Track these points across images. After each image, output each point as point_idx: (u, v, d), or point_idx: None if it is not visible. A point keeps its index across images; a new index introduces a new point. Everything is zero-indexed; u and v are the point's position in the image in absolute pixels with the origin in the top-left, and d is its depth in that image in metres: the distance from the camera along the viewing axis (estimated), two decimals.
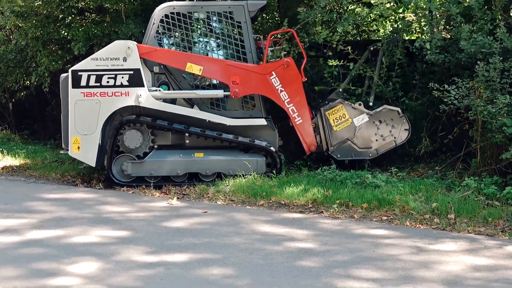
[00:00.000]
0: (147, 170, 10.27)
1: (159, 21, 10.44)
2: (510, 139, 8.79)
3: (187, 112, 10.32)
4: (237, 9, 10.41)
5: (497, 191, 8.48)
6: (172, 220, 7.97)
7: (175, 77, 10.48)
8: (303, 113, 10.35)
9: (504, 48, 9.27)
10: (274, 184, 9.53)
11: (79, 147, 10.12)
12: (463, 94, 9.21)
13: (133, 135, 10.37)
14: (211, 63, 10.33)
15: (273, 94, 10.27)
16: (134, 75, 10.11)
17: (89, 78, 10.07)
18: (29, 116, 17.92)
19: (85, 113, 10.10)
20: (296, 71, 10.23)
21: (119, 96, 10.11)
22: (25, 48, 15.11)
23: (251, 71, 10.21)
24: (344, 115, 10.41)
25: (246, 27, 10.35)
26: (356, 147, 10.45)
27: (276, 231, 7.41)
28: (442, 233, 7.34)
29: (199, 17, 10.63)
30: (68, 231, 7.36)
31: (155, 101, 10.19)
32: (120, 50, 10.14)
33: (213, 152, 10.38)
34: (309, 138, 10.43)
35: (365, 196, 8.65)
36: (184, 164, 10.27)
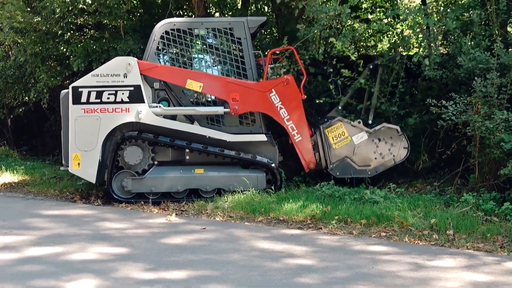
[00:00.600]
0: (147, 186, 10.28)
1: (159, 37, 10.48)
2: (508, 154, 8.81)
3: (188, 128, 10.33)
4: (237, 25, 10.45)
5: (496, 207, 8.49)
6: (171, 236, 7.96)
7: (176, 93, 10.51)
8: (303, 131, 10.37)
9: (502, 64, 9.31)
10: (273, 200, 9.53)
11: (79, 164, 10.11)
12: (460, 110, 9.24)
13: (133, 151, 10.41)
14: (211, 80, 10.34)
15: (273, 112, 10.28)
16: (134, 91, 10.13)
17: (90, 94, 10.09)
18: (28, 132, 17.91)
19: (86, 129, 10.12)
20: (295, 89, 10.25)
21: (119, 112, 10.13)
22: (24, 64, 15.14)
23: (251, 88, 10.23)
24: (344, 133, 10.43)
25: (246, 43, 10.39)
26: (355, 165, 10.44)
27: (275, 247, 7.39)
28: (441, 249, 7.33)
29: (199, 34, 10.65)
30: (67, 248, 7.35)
31: (155, 117, 10.21)
32: (121, 66, 10.17)
33: (213, 168, 10.39)
34: (308, 156, 10.44)
35: (364, 212, 8.65)
36: (184, 180, 10.28)
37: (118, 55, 12.29)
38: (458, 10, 10.60)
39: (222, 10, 15.81)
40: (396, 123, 10.76)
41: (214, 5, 15.65)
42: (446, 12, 10.71)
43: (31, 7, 13.59)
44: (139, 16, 14.66)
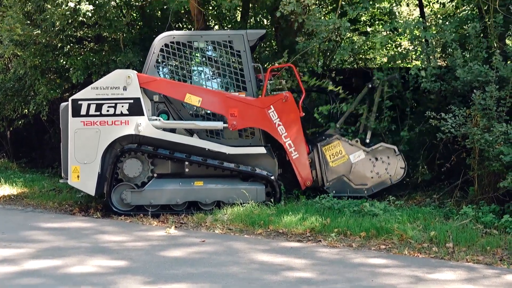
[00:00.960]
0: (147, 199, 10.26)
1: (159, 50, 10.50)
2: (507, 167, 8.81)
3: (187, 141, 10.32)
4: (237, 38, 10.47)
5: (495, 220, 8.49)
6: (170, 249, 7.95)
7: (175, 106, 10.51)
8: (300, 148, 10.36)
9: (500, 77, 9.33)
10: (272, 213, 9.52)
11: (78, 176, 10.10)
12: (459, 122, 9.25)
13: (133, 164, 10.40)
14: (210, 94, 10.33)
15: (271, 128, 10.27)
16: (134, 104, 10.14)
17: (89, 107, 10.10)
18: (27, 145, 17.91)
19: (85, 142, 10.11)
20: (294, 106, 10.25)
21: (119, 124, 10.13)
22: (23, 77, 15.16)
23: (250, 104, 10.22)
24: (341, 151, 10.43)
25: (245, 56, 10.40)
26: (351, 183, 10.43)
27: (275, 260, 7.38)
28: (441, 262, 7.32)
29: (198, 46, 10.67)
30: (66, 261, 7.33)
31: (154, 130, 10.21)
32: (120, 79, 10.18)
33: (213, 180, 10.39)
34: (305, 173, 10.42)
35: (363, 225, 8.64)
36: (183, 193, 10.27)
37: (118, 68, 12.34)
38: (456, 23, 10.65)
39: (222, 23, 15.87)
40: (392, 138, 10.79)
41: (214, 18, 15.71)
42: (444, 25, 10.73)
43: (31, 20, 13.64)
44: (139, 29, 14.71)
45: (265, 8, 13.84)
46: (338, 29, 10.51)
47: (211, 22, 15.72)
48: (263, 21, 15.43)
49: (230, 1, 11.55)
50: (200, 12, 13.24)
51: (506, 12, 9.86)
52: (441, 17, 12.46)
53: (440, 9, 15.24)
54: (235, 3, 11.78)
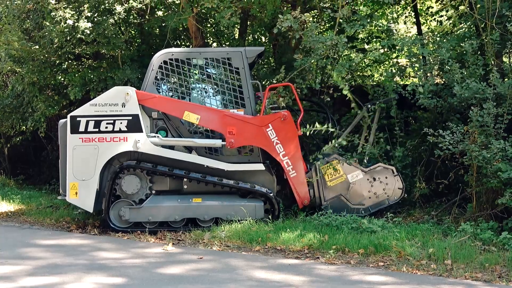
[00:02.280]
0: (145, 215, 10.24)
1: (157, 67, 10.53)
2: (506, 184, 8.81)
3: (185, 157, 10.32)
4: (235, 55, 10.49)
5: (494, 236, 8.47)
6: (168, 266, 7.92)
7: (174, 123, 10.52)
8: (298, 167, 10.32)
9: (498, 94, 9.36)
10: (270, 230, 9.49)
11: (76, 193, 10.10)
12: (457, 139, 9.26)
13: (131, 180, 10.38)
14: (209, 112, 10.34)
15: (269, 147, 10.25)
16: (132, 120, 10.14)
17: (88, 123, 10.12)
18: (25, 161, 17.90)
19: (83, 159, 10.11)
20: (292, 125, 10.25)
21: (117, 141, 10.13)
22: (21, 94, 15.18)
23: (248, 123, 10.21)
24: (339, 171, 10.39)
25: (244, 73, 10.41)
26: (349, 203, 10.38)
27: (272, 277, 7.35)
28: (440, 279, 7.29)
29: (197, 63, 10.69)
30: (63, 278, 7.30)
31: (153, 146, 10.20)
32: (119, 96, 10.20)
33: (211, 197, 10.37)
34: (302, 192, 10.38)
35: (362, 242, 8.62)
36: (182, 210, 10.25)
37: (116, 84, 12.38)
38: (453, 40, 10.69)
39: (220, 40, 15.93)
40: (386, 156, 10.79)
41: (212, 36, 15.77)
42: (442, 42, 10.78)
43: (29, 36, 13.67)
44: (137, 46, 14.76)
45: (263, 25, 13.91)
46: (336, 46, 10.53)
47: (209, 40, 15.79)
48: (261, 39, 15.50)
49: (228, 19, 11.60)
50: (198, 30, 13.30)
51: (503, 30, 9.91)
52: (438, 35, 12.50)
53: (437, 27, 15.32)
54: (233, 21, 11.84)
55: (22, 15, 13.63)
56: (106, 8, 12.95)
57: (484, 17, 10.17)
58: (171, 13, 13.45)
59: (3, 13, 14.40)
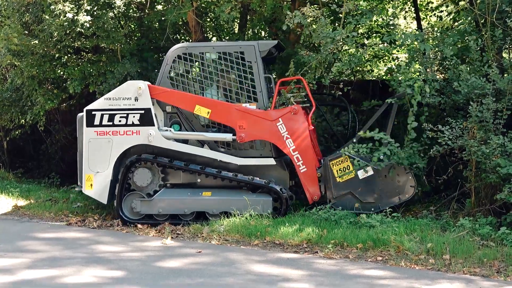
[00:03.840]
0: (155, 208, 10.31)
1: (172, 61, 10.60)
2: (504, 179, 8.82)
3: (198, 151, 10.37)
4: (248, 49, 10.45)
5: (492, 232, 8.48)
6: (166, 260, 7.93)
7: (187, 117, 10.57)
8: (308, 162, 10.15)
9: (497, 89, 9.36)
10: (269, 224, 9.50)
11: (91, 185, 10.34)
12: (456, 134, 9.26)
13: (143, 173, 10.48)
14: (219, 106, 10.32)
15: (279, 141, 10.16)
16: (145, 114, 10.29)
17: (102, 117, 10.35)
18: (24, 155, 17.88)
19: (98, 151, 10.36)
20: (303, 119, 10.14)
21: (130, 134, 10.31)
22: (21, 87, 15.15)
23: (258, 117, 10.17)
24: (349, 167, 10.09)
25: (256, 67, 10.35)
26: (359, 200, 10.05)
27: (271, 271, 7.37)
28: (438, 273, 7.31)
29: (210, 58, 10.69)
30: (62, 271, 7.31)
31: (165, 140, 10.31)
32: (132, 90, 10.36)
33: (221, 191, 10.36)
34: (312, 188, 10.19)
35: (360, 236, 8.62)
36: (191, 203, 10.28)
37: (115, 78, 12.41)
38: (455, 36, 10.65)
39: (220, 35, 15.91)
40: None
41: (211, 30, 15.75)
42: (442, 38, 10.75)
43: (29, 30, 13.65)
44: (137, 40, 14.73)
45: (263, 20, 13.88)
46: (343, 40, 10.48)
47: (209, 34, 15.77)
48: (261, 33, 15.48)
49: (228, 13, 11.59)
50: (198, 24, 13.29)
51: (503, 25, 9.90)
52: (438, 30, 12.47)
53: (437, 22, 15.31)
54: (233, 15, 11.83)
55: (22, 8, 13.59)
56: (106, 1, 12.94)
57: (484, 12, 10.15)
58: (171, 7, 13.44)
59: (2, 6, 14.36)
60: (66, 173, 15.27)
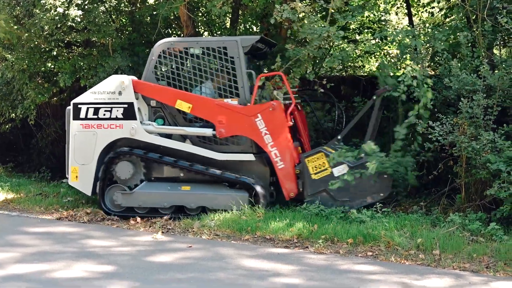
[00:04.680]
0: (136, 201, 10.41)
1: (157, 56, 10.66)
2: (494, 175, 8.85)
3: (178, 146, 10.42)
4: (231, 44, 10.44)
5: (482, 227, 8.51)
6: (157, 254, 7.93)
7: (171, 111, 10.62)
8: (286, 158, 10.06)
9: (488, 85, 9.39)
10: (260, 219, 9.50)
11: (77, 176, 10.57)
12: (447, 130, 9.29)
13: (124, 166, 10.58)
14: (200, 101, 10.35)
15: (257, 137, 10.12)
16: (128, 108, 10.41)
17: (88, 110, 10.54)
18: (14, 149, 17.81)
19: (83, 144, 10.56)
20: (281, 115, 10.05)
21: (114, 128, 10.48)
22: (11, 81, 15.08)
23: (237, 112, 10.15)
24: (324, 164, 9.96)
25: (239, 62, 10.34)
26: (333, 198, 9.92)
27: (261, 266, 7.38)
28: (428, 269, 7.34)
29: (194, 53, 10.69)
30: (52, 265, 7.30)
31: (146, 134, 10.40)
32: (116, 84, 10.50)
33: (200, 186, 10.38)
34: (289, 184, 10.10)
35: (350, 232, 8.64)
36: (170, 197, 10.33)
37: (106, 72, 12.42)
38: (446, 31, 10.66)
39: (211, 30, 15.87)
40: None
41: (203, 24, 15.71)
42: (433, 33, 10.76)
43: (20, 24, 13.59)
44: (128, 34, 14.68)
45: (255, 15, 13.86)
46: (329, 37, 10.48)
47: (200, 29, 15.72)
48: (253, 28, 15.45)
49: (220, 8, 11.56)
50: (190, 18, 13.24)
51: (494, 22, 9.93)
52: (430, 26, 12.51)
53: (429, 18, 15.34)
54: (224, 10, 11.79)
55: (13, 1, 13.52)
56: None
57: (476, 8, 10.18)
58: (163, 1, 13.36)
59: None
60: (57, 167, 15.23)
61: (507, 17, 9.51)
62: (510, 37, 9.71)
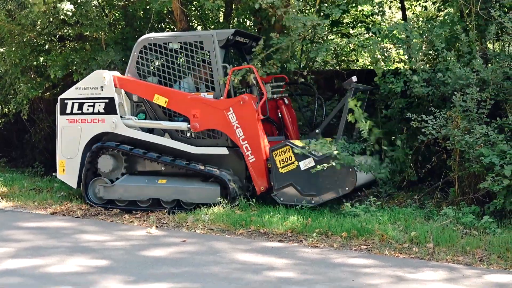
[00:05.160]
0: (116, 193, 10.66)
1: (138, 52, 10.81)
2: (488, 168, 8.87)
3: (155, 139, 10.60)
4: (207, 38, 10.47)
5: (475, 220, 8.54)
6: (151, 249, 7.92)
7: (151, 106, 10.79)
8: (258, 152, 9.97)
9: (481, 79, 9.40)
10: (254, 213, 9.51)
11: (64, 170, 10.93)
12: (440, 124, 9.30)
13: (105, 160, 10.81)
14: (175, 95, 10.50)
15: (229, 130, 10.10)
16: (109, 103, 10.68)
17: (73, 105, 10.89)
18: (7, 144, 17.75)
19: (69, 138, 10.91)
20: (252, 109, 9.96)
21: (96, 122, 10.78)
22: (3, 76, 15.03)
23: (210, 106, 10.20)
24: (291, 158, 9.77)
25: (214, 56, 10.37)
26: (299, 192, 9.74)
27: (256, 260, 7.38)
28: (421, 262, 7.35)
29: (173, 48, 10.74)
30: (46, 260, 7.28)
31: (126, 128, 10.65)
32: (98, 79, 10.77)
33: (176, 179, 10.49)
34: (260, 178, 10.02)
35: (344, 225, 8.66)
36: (147, 190, 10.50)
37: (99, 66, 12.45)
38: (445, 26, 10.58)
39: (205, 24, 15.83)
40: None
41: (197, 19, 15.67)
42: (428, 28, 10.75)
43: (12, 18, 13.53)
44: (121, 28, 14.64)
45: (248, 9, 13.82)
46: (315, 28, 10.44)
47: (194, 23, 15.68)
48: (246, 22, 15.42)
49: (213, 2, 11.52)
50: (183, 13, 13.20)
51: (487, 15, 9.94)
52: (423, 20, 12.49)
53: (422, 12, 15.32)
54: (218, 4, 11.74)
55: None
56: None
57: (469, 2, 10.18)
58: None
59: None
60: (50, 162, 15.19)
61: (500, 10, 9.52)
62: (503, 31, 9.70)
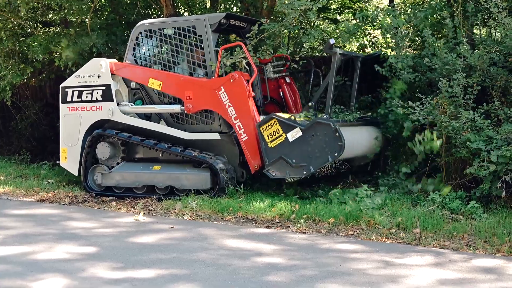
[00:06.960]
0: (114, 180, 10.74)
1: (135, 38, 10.90)
2: (474, 154, 8.92)
3: (151, 126, 10.67)
4: (199, 23, 10.49)
5: (462, 206, 8.59)
6: (139, 235, 7.91)
7: (148, 92, 10.84)
8: (250, 130, 9.94)
9: (468, 65, 9.43)
10: (241, 199, 9.52)
11: (66, 157, 11.17)
12: (428, 110, 9.33)
13: (103, 147, 10.85)
14: (169, 78, 10.56)
15: (221, 109, 10.09)
16: (106, 90, 10.77)
17: (73, 93, 11.08)
18: None
19: (70, 126, 11.14)
20: (243, 86, 9.91)
21: (95, 110, 10.91)
22: None
23: (202, 86, 10.22)
24: (278, 130, 9.67)
25: (207, 40, 10.37)
26: (290, 164, 9.62)
27: (243, 246, 7.39)
28: (408, 247, 7.39)
29: (167, 33, 10.73)
30: (33, 247, 7.26)
31: (122, 115, 10.70)
32: (95, 67, 10.90)
33: (170, 166, 10.52)
34: (253, 156, 9.95)
35: (332, 211, 8.69)
36: (142, 177, 10.56)
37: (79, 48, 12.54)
38: (429, 11, 10.62)
39: (192, 10, 15.76)
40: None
41: (183, 5, 15.60)
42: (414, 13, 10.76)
43: None
44: (107, 14, 14.56)
45: None
46: (306, 13, 10.42)
47: (180, 9, 15.61)
48: (233, 8, 15.37)
49: None
50: None
51: (474, 1, 9.95)
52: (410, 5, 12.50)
53: None
54: None
55: None
56: None
57: None
58: None
59: None
60: (37, 150, 15.14)
61: None
62: (490, 17, 9.72)
